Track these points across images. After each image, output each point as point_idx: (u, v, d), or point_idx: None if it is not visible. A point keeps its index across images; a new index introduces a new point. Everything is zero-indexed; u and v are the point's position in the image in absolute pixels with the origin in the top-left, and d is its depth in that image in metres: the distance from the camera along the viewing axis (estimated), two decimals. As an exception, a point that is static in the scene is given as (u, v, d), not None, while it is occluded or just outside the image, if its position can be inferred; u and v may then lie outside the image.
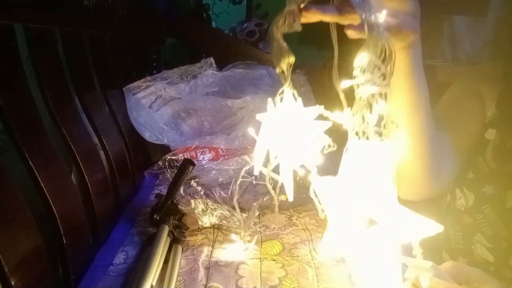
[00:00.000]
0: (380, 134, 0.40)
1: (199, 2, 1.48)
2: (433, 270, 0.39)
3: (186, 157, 0.92)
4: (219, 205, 0.71)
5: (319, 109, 0.44)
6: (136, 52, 1.13)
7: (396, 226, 0.40)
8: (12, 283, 0.42)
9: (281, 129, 0.44)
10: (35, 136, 0.54)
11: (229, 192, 0.78)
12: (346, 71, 0.39)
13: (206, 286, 0.54)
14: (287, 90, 0.44)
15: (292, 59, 0.42)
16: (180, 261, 0.59)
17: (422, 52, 0.46)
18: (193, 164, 0.66)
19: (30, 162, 0.50)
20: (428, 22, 1.54)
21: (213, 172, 0.88)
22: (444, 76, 1.32)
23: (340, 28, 0.40)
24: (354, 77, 0.38)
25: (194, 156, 0.93)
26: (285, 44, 0.42)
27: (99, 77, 0.82)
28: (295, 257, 0.61)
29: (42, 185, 0.52)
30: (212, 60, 1.15)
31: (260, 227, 0.70)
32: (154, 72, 1.13)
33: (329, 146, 0.45)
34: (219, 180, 0.86)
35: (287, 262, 0.60)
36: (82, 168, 0.64)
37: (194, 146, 0.93)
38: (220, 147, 0.93)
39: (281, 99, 0.45)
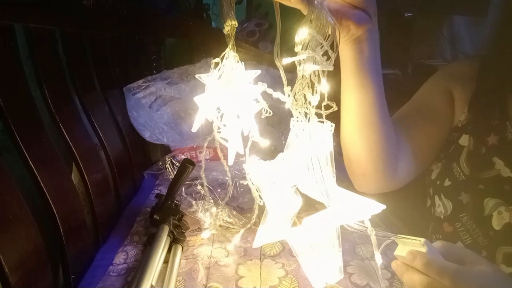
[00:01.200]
0: (320, 115, 0.40)
1: (199, 2, 1.48)
2: (426, 246, 0.38)
3: (186, 157, 0.92)
4: (220, 206, 0.71)
5: (257, 72, 0.44)
6: (136, 52, 1.13)
7: (342, 207, 0.40)
8: (12, 283, 0.42)
9: (221, 91, 0.45)
10: (35, 136, 0.54)
11: (230, 193, 0.77)
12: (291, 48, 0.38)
13: (206, 286, 0.54)
14: (231, 52, 0.45)
15: (234, 22, 0.43)
16: (180, 261, 0.59)
17: (377, 49, 0.45)
18: (193, 164, 0.66)
19: (30, 162, 0.50)
20: (428, 22, 1.54)
21: (214, 172, 0.88)
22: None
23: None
24: (296, 54, 0.38)
25: (194, 156, 0.93)
26: (232, 9, 0.43)
27: (99, 77, 0.82)
28: (295, 257, 0.61)
29: (42, 185, 0.52)
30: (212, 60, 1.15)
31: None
32: (154, 72, 1.13)
33: (266, 111, 0.46)
34: (220, 180, 0.86)
35: (287, 262, 0.60)
36: (82, 168, 0.64)
37: (194, 146, 0.93)
38: (220, 147, 0.93)
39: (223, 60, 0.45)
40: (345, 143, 0.53)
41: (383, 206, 0.40)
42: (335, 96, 0.41)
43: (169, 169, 0.92)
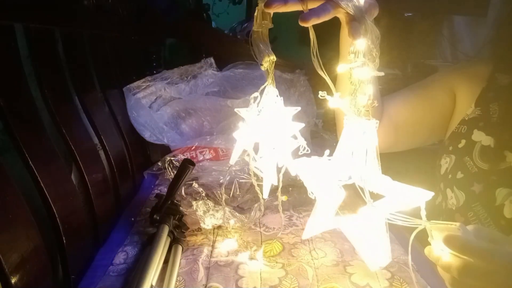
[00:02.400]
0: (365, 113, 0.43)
1: (199, 2, 1.48)
2: (461, 229, 0.39)
3: (186, 157, 0.92)
4: (220, 206, 0.71)
5: (296, 109, 0.46)
6: (136, 52, 1.13)
7: (395, 197, 0.43)
8: (12, 283, 0.42)
9: (259, 126, 0.46)
10: (35, 136, 0.54)
11: (231, 193, 0.77)
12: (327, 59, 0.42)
13: (206, 286, 0.54)
14: (270, 87, 0.46)
15: (272, 57, 0.44)
16: (180, 261, 0.59)
17: None
18: (193, 164, 0.66)
19: (30, 163, 0.50)
20: (428, 22, 1.54)
21: (214, 172, 0.88)
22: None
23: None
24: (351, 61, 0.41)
25: (194, 156, 0.93)
26: (266, 44, 0.44)
27: (99, 77, 0.82)
28: (295, 257, 0.61)
29: (42, 185, 0.52)
30: (212, 60, 1.15)
31: (260, 227, 0.70)
32: (154, 72, 1.13)
33: (304, 148, 0.48)
34: (220, 180, 0.86)
35: (287, 262, 0.60)
36: (82, 168, 0.64)
37: (194, 146, 0.93)
38: (220, 147, 0.93)
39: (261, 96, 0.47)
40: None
41: (432, 193, 0.42)
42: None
43: (169, 169, 0.92)
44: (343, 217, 0.49)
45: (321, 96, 0.44)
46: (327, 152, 0.48)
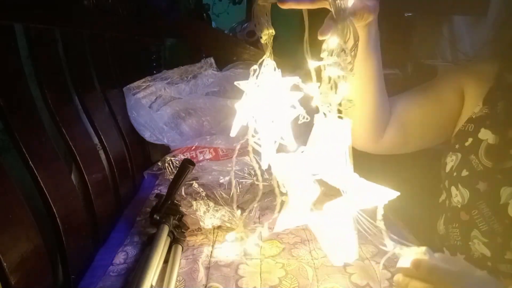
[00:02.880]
0: (340, 112, 0.45)
1: (199, 2, 1.48)
2: (427, 254, 0.41)
3: (186, 157, 0.92)
4: (220, 206, 0.71)
5: (295, 79, 0.47)
6: (136, 52, 1.13)
7: (357, 194, 0.45)
8: (12, 283, 0.42)
9: (259, 97, 0.48)
10: (35, 136, 0.54)
11: (231, 193, 0.77)
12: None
13: (206, 286, 0.54)
14: (268, 60, 0.47)
15: (271, 31, 0.46)
16: (180, 261, 0.59)
17: (377, 27, 0.51)
18: (193, 164, 0.66)
19: (30, 162, 0.50)
20: (428, 22, 1.54)
21: (214, 172, 0.88)
22: (444, 76, 1.32)
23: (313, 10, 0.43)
24: (322, 59, 0.42)
25: (194, 156, 0.93)
26: (267, 18, 0.45)
27: (99, 77, 0.82)
28: (295, 257, 0.61)
29: (42, 185, 0.52)
30: (212, 60, 1.15)
31: (260, 228, 0.70)
32: (154, 72, 1.13)
33: (303, 117, 0.49)
34: (220, 180, 0.86)
35: (287, 262, 0.60)
36: (82, 168, 0.64)
37: (194, 146, 0.93)
38: (220, 147, 0.93)
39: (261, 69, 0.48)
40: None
41: (397, 193, 0.43)
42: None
43: (169, 169, 0.92)
44: (311, 213, 0.50)
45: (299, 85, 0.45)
46: (301, 148, 0.49)
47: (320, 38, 0.41)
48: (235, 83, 0.49)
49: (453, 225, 0.61)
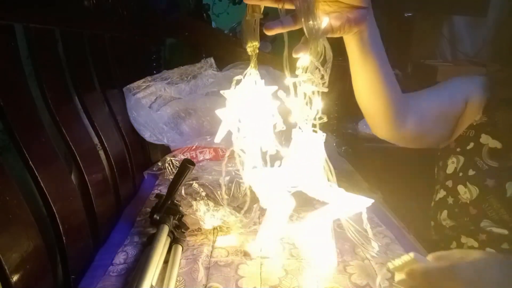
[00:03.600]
0: (315, 126, 0.48)
1: (199, 2, 1.48)
2: (416, 258, 0.43)
3: (186, 157, 0.92)
4: (220, 206, 0.71)
5: (274, 88, 0.50)
6: (136, 52, 1.13)
7: (335, 203, 0.48)
8: (12, 283, 0.42)
9: (242, 105, 0.50)
10: (35, 136, 0.54)
11: (231, 193, 0.77)
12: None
13: (206, 286, 0.54)
14: (252, 70, 0.50)
15: (256, 43, 0.49)
16: (180, 261, 0.59)
17: (375, 29, 0.52)
18: (193, 164, 0.66)
19: (30, 163, 0.50)
20: (428, 22, 1.54)
21: (214, 172, 0.88)
22: (444, 76, 1.32)
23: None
24: (297, 76, 0.47)
25: (194, 156, 0.93)
26: (254, 32, 0.48)
27: (99, 77, 0.82)
28: (295, 257, 0.61)
29: (42, 185, 0.52)
30: (212, 60, 1.15)
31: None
32: (154, 72, 1.13)
33: (280, 126, 0.51)
34: (220, 180, 0.86)
35: (287, 262, 0.60)
36: (82, 168, 0.64)
37: (194, 146, 0.93)
38: (220, 147, 0.93)
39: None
40: (360, 103, 0.64)
41: (372, 200, 0.48)
42: (327, 109, 0.49)
43: (169, 169, 0.92)
44: (292, 224, 0.54)
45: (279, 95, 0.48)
46: (277, 163, 0.52)
47: (294, 56, 0.45)
48: (221, 92, 0.52)
49: (464, 218, 0.65)
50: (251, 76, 0.50)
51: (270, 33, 0.45)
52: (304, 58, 0.45)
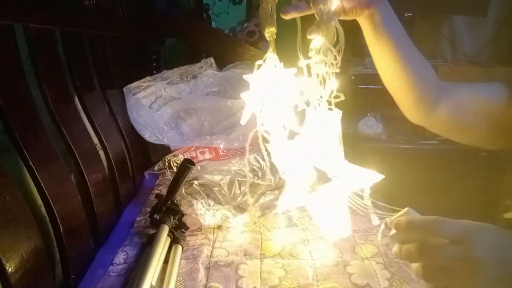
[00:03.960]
0: (330, 104, 0.51)
1: (199, 2, 1.48)
2: (409, 211, 0.43)
3: (186, 157, 0.92)
4: (220, 206, 0.71)
5: (293, 70, 0.52)
6: (136, 52, 1.13)
7: (347, 177, 0.50)
8: (12, 283, 0.42)
9: (265, 88, 0.53)
10: (35, 136, 0.54)
11: (231, 192, 0.77)
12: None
13: (206, 286, 0.54)
14: (271, 54, 0.53)
15: (273, 28, 0.52)
16: (180, 261, 0.59)
17: (389, 9, 0.54)
18: (193, 164, 0.66)
19: (30, 163, 0.50)
20: (428, 22, 1.54)
21: (214, 172, 0.88)
22: (444, 76, 1.32)
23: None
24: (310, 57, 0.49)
25: (194, 156, 0.93)
26: (270, 18, 0.51)
27: (99, 77, 0.82)
28: (295, 257, 0.61)
29: (42, 185, 0.52)
30: (212, 60, 1.15)
31: (260, 227, 0.70)
32: (154, 72, 1.13)
33: (299, 106, 0.53)
34: (220, 180, 0.86)
35: (287, 262, 0.60)
36: (82, 168, 0.64)
37: (194, 146, 0.93)
38: (220, 147, 0.93)
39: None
40: (385, 83, 0.63)
41: (382, 176, 0.49)
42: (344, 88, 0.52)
43: (169, 169, 0.92)
44: (308, 195, 0.55)
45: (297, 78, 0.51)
46: (297, 137, 0.54)
47: (308, 37, 0.47)
48: (244, 76, 0.54)
49: None
50: (271, 60, 0.53)
51: (286, 17, 0.49)
52: (317, 40, 0.48)
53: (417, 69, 0.60)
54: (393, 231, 0.43)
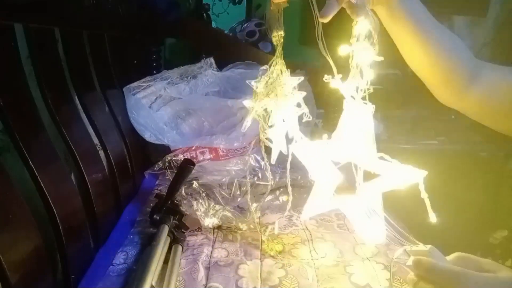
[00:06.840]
0: (364, 98, 0.48)
1: (199, 2, 1.48)
2: (431, 253, 0.42)
3: (186, 157, 0.92)
4: (221, 206, 0.71)
5: (300, 79, 0.51)
6: (136, 52, 1.13)
7: (388, 175, 0.48)
8: (12, 283, 0.42)
9: (269, 96, 0.51)
10: (35, 136, 0.54)
11: (231, 192, 0.77)
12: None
13: (206, 286, 0.54)
14: (278, 59, 0.51)
15: (281, 32, 0.50)
16: (180, 261, 0.59)
17: None
18: (193, 164, 0.66)
19: (30, 163, 0.50)
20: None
21: (214, 172, 0.88)
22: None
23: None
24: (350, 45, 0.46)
25: (194, 156, 0.93)
26: (278, 22, 0.49)
27: (99, 77, 0.82)
28: (295, 257, 0.61)
29: (42, 185, 0.52)
30: (212, 60, 1.15)
31: (260, 227, 0.70)
32: (154, 72, 1.13)
33: (306, 115, 0.53)
34: (220, 180, 0.86)
35: (287, 262, 0.60)
36: (82, 168, 0.64)
37: (194, 146, 0.93)
38: (220, 147, 0.93)
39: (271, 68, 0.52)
40: (411, 67, 0.61)
41: (425, 172, 0.46)
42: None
43: (169, 169, 0.92)
44: (341, 197, 0.52)
45: (325, 79, 0.48)
46: (325, 136, 0.52)
47: (321, 20, 0.45)
48: (247, 82, 0.53)
49: None
50: (277, 66, 0.51)
51: (326, 20, 0.46)
52: (361, 25, 0.46)
53: (444, 48, 0.56)
54: (412, 259, 0.43)
